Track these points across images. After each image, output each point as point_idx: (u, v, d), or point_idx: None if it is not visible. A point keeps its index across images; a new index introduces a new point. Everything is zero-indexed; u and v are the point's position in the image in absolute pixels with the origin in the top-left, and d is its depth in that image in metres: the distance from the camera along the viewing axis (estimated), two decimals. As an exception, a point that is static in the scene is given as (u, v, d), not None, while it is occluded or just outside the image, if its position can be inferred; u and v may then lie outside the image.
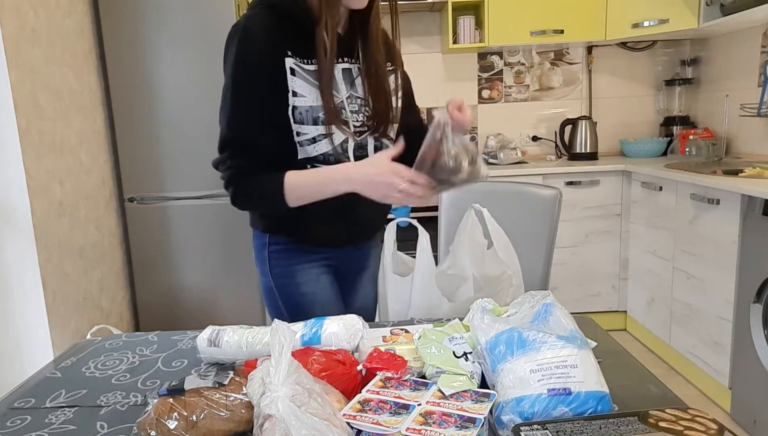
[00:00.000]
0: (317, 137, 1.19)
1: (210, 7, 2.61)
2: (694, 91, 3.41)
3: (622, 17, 3.05)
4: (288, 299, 1.32)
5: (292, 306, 1.32)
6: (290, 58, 1.17)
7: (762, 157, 2.81)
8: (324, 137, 1.20)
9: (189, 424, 0.76)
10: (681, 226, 2.54)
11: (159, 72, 2.65)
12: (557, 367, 0.78)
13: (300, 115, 1.18)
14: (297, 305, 1.31)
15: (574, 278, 3.08)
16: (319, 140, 1.20)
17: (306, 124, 1.19)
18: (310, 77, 1.18)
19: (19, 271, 2.09)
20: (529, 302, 0.94)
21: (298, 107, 1.18)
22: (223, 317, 2.80)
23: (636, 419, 0.71)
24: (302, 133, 1.19)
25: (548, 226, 1.71)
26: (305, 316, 1.11)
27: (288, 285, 1.31)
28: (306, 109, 1.18)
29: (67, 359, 1.13)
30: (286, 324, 0.74)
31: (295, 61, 1.17)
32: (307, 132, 1.19)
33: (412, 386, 0.84)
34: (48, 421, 0.89)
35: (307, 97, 1.18)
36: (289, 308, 1.32)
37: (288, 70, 1.17)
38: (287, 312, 1.32)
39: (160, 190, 2.74)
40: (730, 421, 2.25)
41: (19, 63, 2.06)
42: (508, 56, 3.48)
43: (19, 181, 2.05)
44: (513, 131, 3.50)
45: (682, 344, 2.59)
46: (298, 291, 1.31)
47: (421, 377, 0.89)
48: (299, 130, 1.19)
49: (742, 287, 2.15)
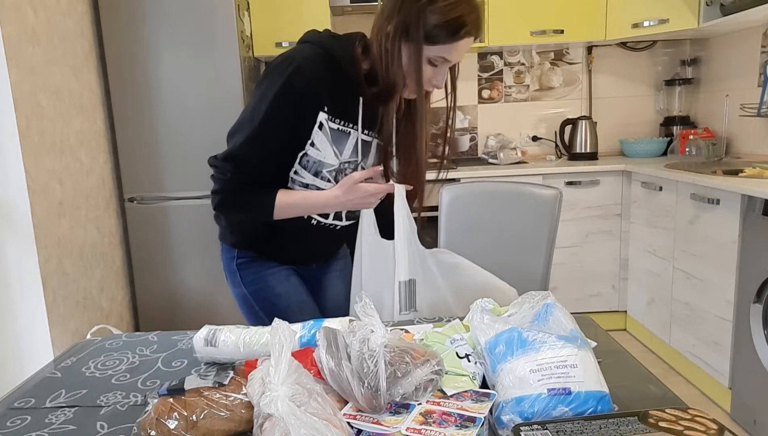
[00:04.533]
0: (310, 186, 1.26)
1: (210, 8, 2.61)
2: (694, 91, 3.41)
3: (622, 17, 3.05)
4: (264, 302, 1.36)
5: (270, 308, 1.35)
6: (324, 113, 1.20)
7: (762, 157, 2.81)
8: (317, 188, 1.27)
9: (189, 424, 0.76)
10: (681, 226, 2.54)
11: (159, 72, 2.65)
12: (557, 367, 0.78)
13: (307, 162, 1.24)
14: (274, 306, 1.34)
15: (574, 278, 3.08)
16: (311, 188, 1.27)
17: (308, 171, 1.25)
18: (331, 136, 1.22)
19: (19, 271, 2.09)
20: (529, 303, 0.94)
21: (309, 156, 1.23)
22: (222, 317, 2.80)
23: (636, 419, 0.71)
24: (300, 175, 1.25)
25: (548, 226, 1.71)
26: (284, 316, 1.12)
27: (262, 289, 1.35)
28: (315, 160, 1.23)
29: (67, 359, 1.13)
30: (286, 324, 0.74)
31: (327, 117, 1.20)
32: (304, 178, 1.26)
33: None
34: (48, 421, 0.89)
35: (321, 152, 1.23)
36: (267, 311, 1.35)
37: (317, 123, 1.20)
38: (266, 315, 1.35)
39: (160, 190, 2.74)
40: (730, 421, 2.25)
41: (19, 63, 2.06)
42: (508, 56, 3.48)
43: (19, 181, 2.05)
44: (513, 131, 3.50)
45: (682, 344, 2.59)
46: (274, 293, 1.35)
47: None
48: (299, 172, 1.25)
49: (742, 287, 2.15)
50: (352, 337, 0.80)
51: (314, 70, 1.16)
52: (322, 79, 1.17)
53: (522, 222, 1.75)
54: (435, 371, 0.80)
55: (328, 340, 0.81)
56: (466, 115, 3.49)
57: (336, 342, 0.80)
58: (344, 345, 0.80)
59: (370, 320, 0.81)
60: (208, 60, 2.63)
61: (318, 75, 1.16)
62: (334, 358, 0.78)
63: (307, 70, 1.15)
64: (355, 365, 0.77)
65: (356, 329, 0.81)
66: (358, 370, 0.76)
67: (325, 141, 1.21)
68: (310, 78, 1.15)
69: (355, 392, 0.75)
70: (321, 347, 0.80)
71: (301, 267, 1.41)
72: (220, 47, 2.63)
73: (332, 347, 0.79)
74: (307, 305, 1.36)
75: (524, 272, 1.73)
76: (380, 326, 0.80)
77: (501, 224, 1.78)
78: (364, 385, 0.75)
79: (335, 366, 0.77)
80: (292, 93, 1.15)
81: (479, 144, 3.53)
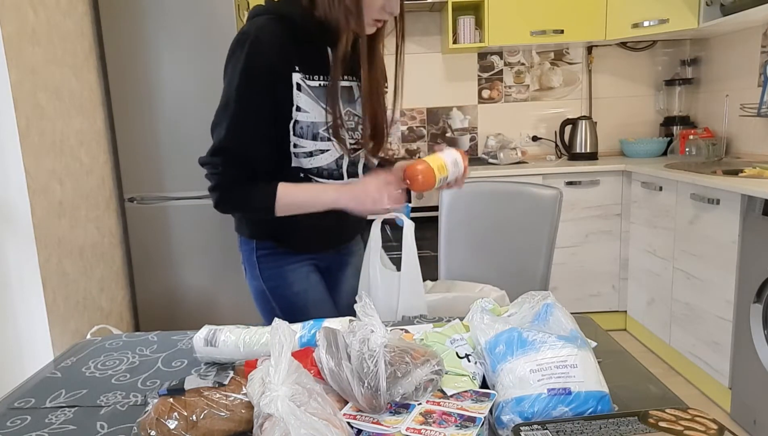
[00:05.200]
0: (314, 152, 1.22)
1: (210, 8, 2.61)
2: (694, 91, 3.41)
3: (622, 17, 3.05)
4: (281, 299, 1.33)
5: (287, 306, 1.32)
6: (297, 73, 1.17)
7: (762, 157, 2.81)
8: (321, 152, 1.22)
9: (189, 424, 0.76)
10: (681, 226, 2.54)
11: (159, 72, 2.65)
12: (557, 367, 0.78)
13: (301, 129, 1.20)
14: (292, 304, 1.32)
15: (574, 278, 3.08)
16: (315, 155, 1.23)
17: (305, 138, 1.21)
18: (313, 93, 1.19)
19: (19, 271, 2.09)
20: (530, 303, 0.94)
21: (300, 122, 1.19)
22: (222, 317, 2.80)
23: (636, 419, 0.71)
24: (300, 145, 1.21)
25: (548, 226, 1.71)
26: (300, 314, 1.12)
27: (280, 286, 1.32)
28: (308, 124, 1.20)
29: (67, 359, 1.13)
30: (286, 323, 0.74)
31: (302, 76, 1.18)
32: (305, 146, 1.21)
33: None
34: (48, 421, 0.89)
35: (310, 113, 1.19)
36: (283, 309, 1.33)
37: (294, 85, 1.17)
38: (282, 313, 1.33)
39: (160, 190, 2.74)
40: (730, 421, 2.25)
41: (19, 63, 2.06)
42: (508, 56, 3.48)
43: (19, 181, 2.05)
44: (513, 131, 3.50)
45: (682, 344, 2.59)
46: (292, 291, 1.32)
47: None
48: (297, 143, 1.21)
49: (742, 287, 2.15)
50: (352, 337, 0.80)
51: (272, 36, 1.14)
52: (282, 41, 1.15)
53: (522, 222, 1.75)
54: (435, 371, 0.80)
55: (328, 340, 0.81)
56: (466, 115, 3.49)
57: (336, 342, 0.80)
58: (344, 345, 0.80)
59: (370, 320, 0.81)
60: (208, 60, 2.63)
61: (277, 39, 1.14)
62: (334, 358, 0.78)
63: (265, 38, 1.13)
64: (355, 365, 0.77)
65: (356, 329, 0.81)
66: (358, 370, 0.76)
67: (309, 101, 1.19)
68: (270, 44, 1.13)
69: (355, 392, 0.75)
70: (321, 347, 0.80)
71: (319, 255, 1.37)
72: (220, 47, 2.61)
73: (332, 347, 0.79)
74: (324, 303, 1.34)
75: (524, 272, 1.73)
76: (380, 326, 0.80)
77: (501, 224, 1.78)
78: (364, 385, 0.75)
79: (335, 366, 0.77)
80: (259, 65, 1.13)
81: (479, 144, 3.53)
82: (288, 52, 1.16)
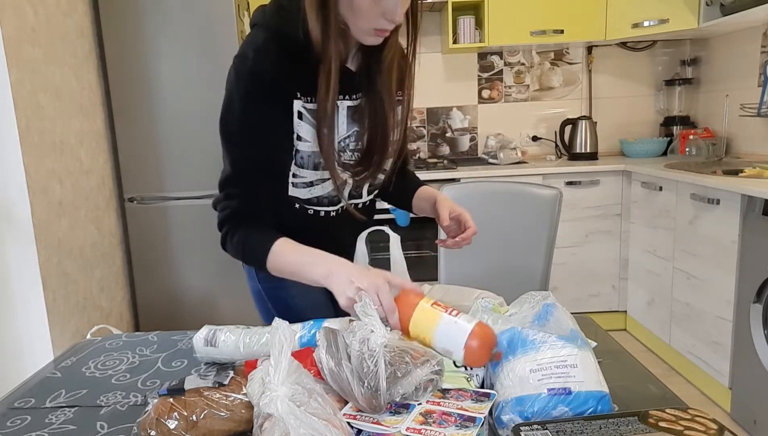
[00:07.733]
0: (315, 182, 1.15)
1: (210, 7, 2.61)
2: (694, 91, 3.41)
3: (622, 17, 3.05)
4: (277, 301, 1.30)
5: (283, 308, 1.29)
6: (298, 100, 1.09)
7: (762, 157, 2.81)
8: (323, 181, 1.15)
9: (189, 424, 0.76)
10: (681, 226, 2.54)
11: (159, 72, 2.65)
12: (557, 367, 0.78)
13: (301, 159, 1.13)
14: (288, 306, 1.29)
15: (574, 278, 3.08)
16: (316, 184, 1.16)
17: (306, 168, 1.14)
18: (313, 119, 1.10)
19: (19, 271, 2.09)
20: (530, 303, 0.94)
21: (301, 151, 1.12)
22: (222, 317, 2.80)
23: (636, 419, 0.71)
24: (300, 175, 1.15)
25: (548, 226, 1.71)
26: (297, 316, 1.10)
27: (276, 288, 1.28)
28: (308, 154, 1.12)
29: (67, 359, 1.13)
30: (287, 323, 0.74)
31: (303, 103, 1.09)
32: (305, 176, 1.15)
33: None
34: (48, 421, 0.89)
35: (311, 143, 1.11)
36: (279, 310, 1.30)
37: (295, 114, 1.10)
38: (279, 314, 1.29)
39: (160, 190, 2.74)
40: (730, 421, 2.25)
41: (19, 63, 2.06)
42: (508, 56, 3.48)
43: (19, 181, 2.05)
44: (513, 131, 3.50)
45: (682, 344, 2.59)
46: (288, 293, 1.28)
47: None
48: (297, 173, 1.14)
49: (742, 287, 2.15)
50: (352, 337, 0.80)
51: (270, 63, 1.05)
52: (282, 67, 1.06)
53: (522, 222, 1.75)
54: (435, 371, 0.80)
55: (328, 340, 0.80)
56: (466, 115, 3.49)
57: (336, 342, 0.80)
58: (344, 345, 0.80)
59: (370, 320, 0.81)
60: (208, 60, 2.63)
61: (276, 64, 1.05)
62: (334, 358, 0.78)
63: (265, 68, 1.05)
64: (355, 365, 0.77)
65: (356, 329, 0.81)
66: (358, 370, 0.76)
67: (310, 129, 1.10)
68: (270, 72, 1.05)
69: (355, 392, 0.75)
70: (321, 347, 0.80)
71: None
72: (220, 47, 2.62)
73: (332, 347, 0.79)
74: (321, 306, 1.28)
75: (524, 272, 1.73)
76: (380, 326, 0.80)
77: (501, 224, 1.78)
78: (364, 385, 0.75)
79: (335, 366, 0.77)
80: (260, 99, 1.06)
81: (479, 144, 3.53)
82: (289, 78, 1.07)
